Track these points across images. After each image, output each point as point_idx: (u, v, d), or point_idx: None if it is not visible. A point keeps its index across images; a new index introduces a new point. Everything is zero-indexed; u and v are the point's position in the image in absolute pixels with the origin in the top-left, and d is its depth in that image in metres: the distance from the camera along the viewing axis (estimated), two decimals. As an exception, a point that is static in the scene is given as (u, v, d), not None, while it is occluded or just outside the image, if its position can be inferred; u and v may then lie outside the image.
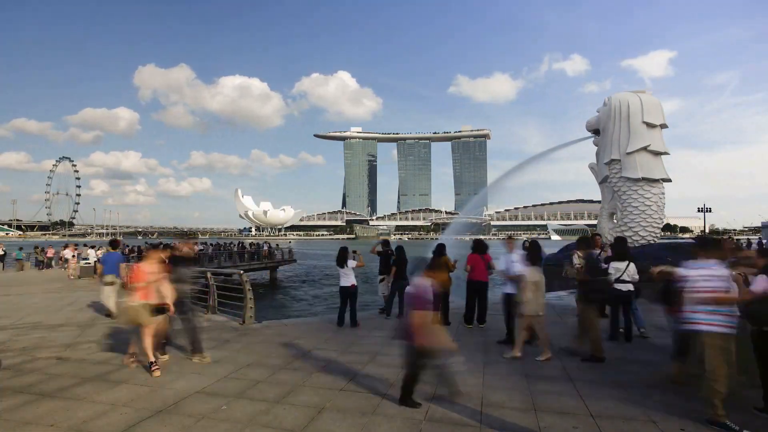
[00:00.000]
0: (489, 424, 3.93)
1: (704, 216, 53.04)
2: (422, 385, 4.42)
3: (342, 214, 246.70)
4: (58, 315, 9.85)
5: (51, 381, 5.23)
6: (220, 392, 4.81)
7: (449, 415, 4.13)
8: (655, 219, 16.39)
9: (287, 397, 4.64)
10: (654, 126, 16.41)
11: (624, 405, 4.34)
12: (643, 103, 16.38)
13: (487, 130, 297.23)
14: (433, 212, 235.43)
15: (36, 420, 4.09)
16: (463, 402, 4.42)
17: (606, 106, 17.45)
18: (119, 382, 5.15)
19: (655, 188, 16.35)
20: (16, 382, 5.17)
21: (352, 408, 4.34)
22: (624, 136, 16.48)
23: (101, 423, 4.03)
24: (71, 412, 4.26)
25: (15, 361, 6.06)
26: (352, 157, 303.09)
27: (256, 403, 4.47)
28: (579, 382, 5.05)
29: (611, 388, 4.85)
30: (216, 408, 4.36)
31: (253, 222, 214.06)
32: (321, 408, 4.34)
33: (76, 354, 6.51)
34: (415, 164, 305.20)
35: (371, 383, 5.07)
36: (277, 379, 5.28)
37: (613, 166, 16.98)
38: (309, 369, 5.65)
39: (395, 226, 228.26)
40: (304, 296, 24.48)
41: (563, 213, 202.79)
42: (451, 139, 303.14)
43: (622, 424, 3.90)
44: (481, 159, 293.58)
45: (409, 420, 4.04)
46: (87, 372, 5.57)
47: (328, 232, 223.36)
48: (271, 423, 4.02)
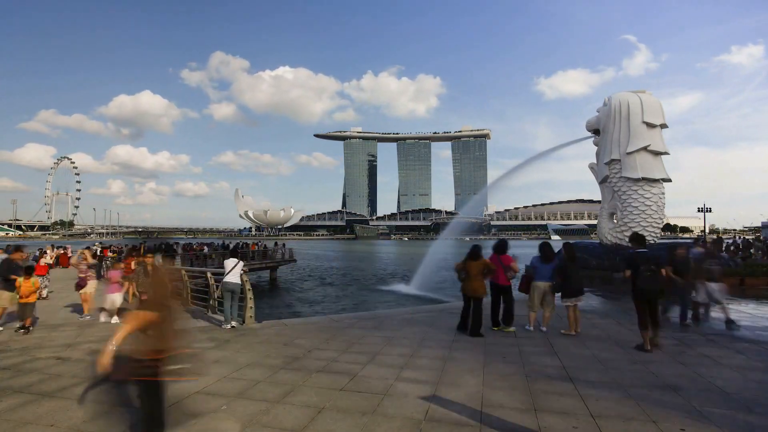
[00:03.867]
0: (489, 424, 3.93)
1: (704, 216, 53.05)
2: (420, 384, 4.40)
3: (342, 214, 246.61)
4: (58, 315, 9.86)
5: (51, 381, 5.23)
6: (220, 392, 4.81)
7: (449, 415, 4.13)
8: (655, 219, 16.38)
9: (287, 397, 4.64)
10: (654, 126, 16.41)
11: (624, 405, 4.34)
12: (643, 103, 16.38)
13: (487, 129, 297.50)
14: (433, 212, 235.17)
15: (36, 420, 4.09)
16: (463, 402, 4.42)
17: (606, 106, 17.44)
18: (119, 382, 5.15)
19: (655, 188, 16.35)
20: (16, 382, 5.17)
21: (352, 408, 4.33)
22: (624, 136, 16.47)
23: (101, 423, 4.02)
24: (71, 412, 4.26)
25: (15, 361, 6.06)
26: (352, 157, 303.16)
27: (256, 403, 4.47)
28: (579, 382, 5.05)
29: (611, 388, 4.85)
30: (216, 408, 4.36)
31: (253, 222, 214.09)
32: (321, 408, 4.34)
33: (76, 354, 6.51)
34: (415, 164, 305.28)
35: (371, 383, 5.07)
36: (277, 379, 5.28)
37: (613, 166, 16.98)
38: (309, 369, 5.64)
39: (395, 226, 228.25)
40: (305, 296, 24.48)
41: (563, 213, 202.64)
42: (451, 139, 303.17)
43: (622, 424, 3.90)
44: (481, 159, 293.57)
45: (409, 420, 4.04)
46: (87, 372, 5.57)
47: (328, 232, 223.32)
48: (271, 423, 4.01)
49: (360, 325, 8.56)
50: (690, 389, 4.76)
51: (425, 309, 11.07)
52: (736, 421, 3.94)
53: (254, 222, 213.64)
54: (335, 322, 8.95)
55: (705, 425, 3.86)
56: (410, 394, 4.68)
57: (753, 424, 3.90)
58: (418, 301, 18.68)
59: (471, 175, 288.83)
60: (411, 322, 8.80)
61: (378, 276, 33.13)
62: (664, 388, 4.81)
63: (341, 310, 17.71)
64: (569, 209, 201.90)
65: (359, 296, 23.17)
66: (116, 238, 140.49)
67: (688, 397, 4.52)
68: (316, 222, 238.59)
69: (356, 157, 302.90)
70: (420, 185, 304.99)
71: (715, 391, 4.74)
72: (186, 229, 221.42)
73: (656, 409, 4.22)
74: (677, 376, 5.22)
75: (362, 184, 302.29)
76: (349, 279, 31.68)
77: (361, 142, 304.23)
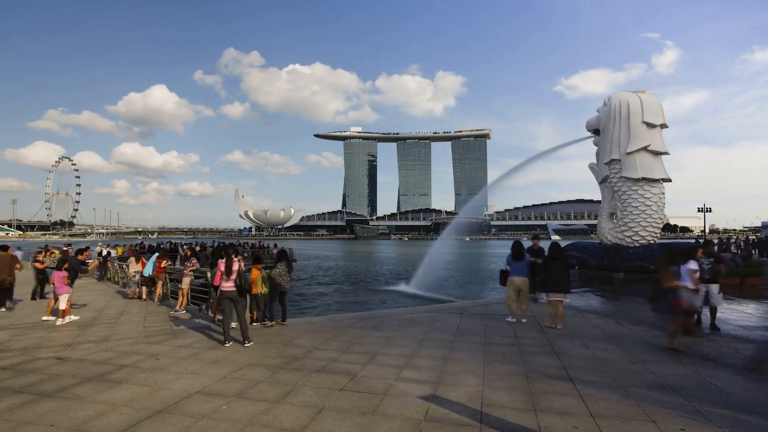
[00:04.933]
0: (489, 424, 3.93)
1: (704, 216, 53.05)
2: (420, 384, 4.41)
3: (342, 214, 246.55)
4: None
5: (51, 381, 5.24)
6: (220, 392, 4.81)
7: (449, 415, 4.13)
8: (655, 219, 16.38)
9: (287, 397, 4.64)
10: (654, 126, 16.41)
11: (624, 405, 4.34)
12: (643, 103, 16.38)
13: (487, 129, 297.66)
14: (433, 212, 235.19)
15: (36, 420, 4.10)
16: (463, 402, 4.42)
17: (606, 106, 17.45)
18: (119, 382, 5.15)
19: (655, 188, 16.35)
20: (16, 382, 5.18)
21: (352, 408, 4.34)
22: (624, 136, 16.48)
23: (101, 423, 4.03)
24: (71, 412, 4.26)
25: (15, 361, 6.06)
26: (352, 157, 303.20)
27: (256, 403, 4.47)
28: (579, 382, 5.05)
29: (611, 388, 4.85)
30: (216, 408, 4.36)
31: (253, 222, 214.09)
32: (321, 408, 4.34)
33: (76, 354, 6.51)
34: (415, 164, 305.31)
35: (371, 383, 5.07)
36: (277, 379, 5.28)
37: (613, 166, 16.98)
38: (309, 369, 5.65)
39: (395, 226, 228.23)
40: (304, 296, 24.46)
41: (563, 213, 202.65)
42: (451, 139, 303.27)
43: (622, 424, 3.90)
44: (481, 159, 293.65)
45: (409, 420, 4.04)
46: (87, 372, 5.58)
47: (328, 232, 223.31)
48: (271, 423, 4.02)
49: (360, 325, 8.56)
50: (690, 389, 4.77)
51: (425, 309, 11.06)
52: (736, 421, 3.94)
53: (254, 222, 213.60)
54: (335, 322, 8.95)
55: (705, 425, 3.86)
56: (410, 394, 4.68)
57: (753, 424, 3.90)
58: (419, 300, 18.67)
59: (471, 175, 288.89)
60: (411, 322, 8.81)
61: (378, 276, 33.13)
62: (664, 388, 4.82)
63: (341, 310, 17.70)
64: (569, 209, 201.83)
65: (359, 296, 23.15)
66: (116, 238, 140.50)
67: (688, 397, 4.52)
68: (316, 222, 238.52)
69: (356, 157, 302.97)
70: (420, 185, 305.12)
71: (715, 391, 4.74)
72: (186, 229, 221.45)
73: (656, 409, 4.22)
74: (677, 376, 5.23)
75: (362, 184, 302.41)
76: (349, 279, 31.67)
77: (361, 142, 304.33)
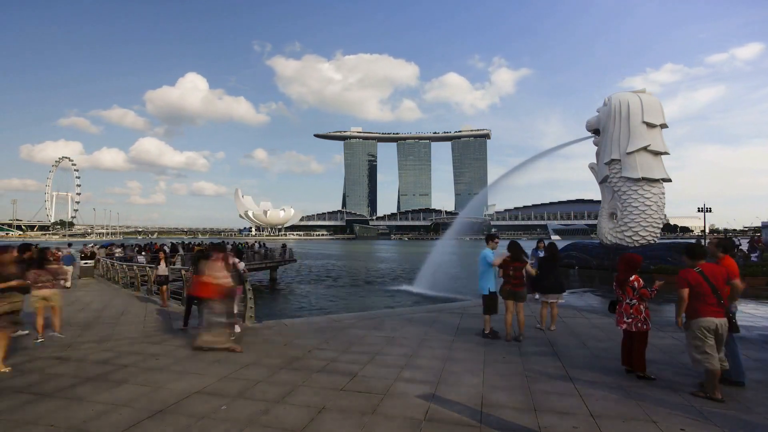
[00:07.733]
0: (489, 424, 3.93)
1: (704, 216, 52.98)
2: (420, 384, 4.41)
3: (342, 214, 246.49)
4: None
5: (51, 381, 5.23)
6: (220, 392, 4.81)
7: (449, 415, 4.13)
8: (655, 219, 16.38)
9: (287, 397, 4.63)
10: (654, 126, 16.41)
11: (624, 405, 4.34)
12: (643, 103, 16.38)
13: (487, 129, 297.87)
14: (433, 212, 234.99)
15: (36, 420, 4.09)
16: (464, 402, 4.42)
17: (606, 106, 17.44)
18: (119, 382, 5.15)
19: (655, 188, 16.36)
20: (16, 382, 5.17)
21: (353, 408, 4.33)
22: (624, 136, 16.48)
23: (101, 423, 4.03)
24: (71, 412, 4.26)
25: (15, 361, 6.06)
26: (352, 157, 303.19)
27: (256, 403, 4.47)
28: (579, 382, 5.05)
29: (611, 388, 4.85)
30: (216, 408, 4.36)
31: (253, 222, 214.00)
32: (321, 408, 4.33)
33: (76, 354, 6.51)
34: (415, 164, 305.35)
35: (371, 383, 5.07)
36: (277, 379, 5.28)
37: (613, 166, 16.98)
38: (309, 369, 5.64)
39: (395, 226, 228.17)
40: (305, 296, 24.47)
41: (563, 213, 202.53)
42: (451, 139, 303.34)
43: (622, 424, 3.90)
44: (482, 159, 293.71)
45: (409, 420, 4.04)
46: (87, 372, 5.58)
47: (327, 232, 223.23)
48: (271, 423, 4.01)
49: (360, 324, 8.56)
50: (690, 389, 4.76)
51: (425, 309, 11.06)
52: (736, 421, 3.94)
53: (254, 222, 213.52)
54: (335, 322, 8.95)
55: (705, 425, 3.86)
56: (410, 394, 4.68)
57: (753, 424, 3.90)
58: (419, 300, 18.67)
59: (471, 175, 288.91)
60: (411, 321, 8.80)
61: (378, 275, 33.12)
62: (665, 388, 4.82)
63: (341, 310, 17.70)
64: (569, 209, 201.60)
65: (360, 296, 23.14)
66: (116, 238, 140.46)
67: (688, 397, 4.52)
68: (316, 222, 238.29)
69: (356, 157, 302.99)
70: (420, 185, 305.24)
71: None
72: (186, 229, 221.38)
73: (656, 409, 4.22)
74: (677, 376, 5.22)
75: (362, 184, 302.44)
76: (350, 279, 31.67)
77: (361, 142, 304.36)
